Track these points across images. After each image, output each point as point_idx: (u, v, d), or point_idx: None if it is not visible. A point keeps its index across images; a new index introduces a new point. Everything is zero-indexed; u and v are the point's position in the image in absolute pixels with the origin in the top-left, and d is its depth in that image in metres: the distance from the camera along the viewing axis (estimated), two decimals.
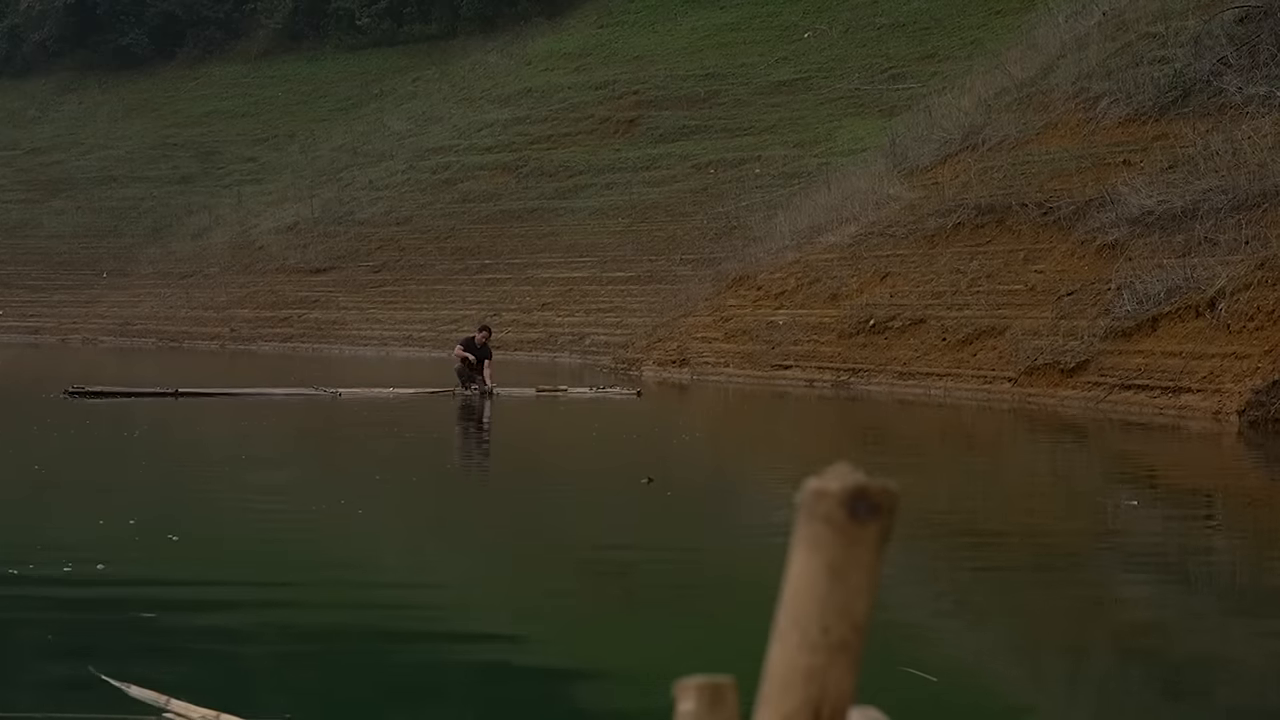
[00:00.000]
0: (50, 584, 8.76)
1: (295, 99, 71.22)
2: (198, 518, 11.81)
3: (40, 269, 64.87)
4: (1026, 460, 19.18)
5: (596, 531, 11.76)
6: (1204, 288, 22.75)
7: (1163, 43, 28.85)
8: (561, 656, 7.65)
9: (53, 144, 74.19)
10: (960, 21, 51.51)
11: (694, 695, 1.52)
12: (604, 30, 62.87)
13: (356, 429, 20.55)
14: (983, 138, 31.39)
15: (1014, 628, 8.54)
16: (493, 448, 20.03)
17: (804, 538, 1.45)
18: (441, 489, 14.54)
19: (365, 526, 11.60)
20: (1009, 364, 25.95)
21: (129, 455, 16.61)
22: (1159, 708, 6.88)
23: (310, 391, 24.77)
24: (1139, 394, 22.86)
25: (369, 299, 52.25)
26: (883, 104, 47.71)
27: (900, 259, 30.40)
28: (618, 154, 52.79)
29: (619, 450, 18.35)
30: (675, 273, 42.95)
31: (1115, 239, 25.56)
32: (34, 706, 6.17)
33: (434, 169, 57.53)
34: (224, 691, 6.36)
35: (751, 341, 32.39)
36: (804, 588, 1.44)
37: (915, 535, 10.54)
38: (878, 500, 1.45)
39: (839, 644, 1.43)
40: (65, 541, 10.18)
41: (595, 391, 26.51)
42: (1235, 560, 10.90)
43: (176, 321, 56.87)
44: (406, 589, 9.31)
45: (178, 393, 23.66)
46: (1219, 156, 24.65)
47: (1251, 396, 20.54)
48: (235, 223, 61.52)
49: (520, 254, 49.67)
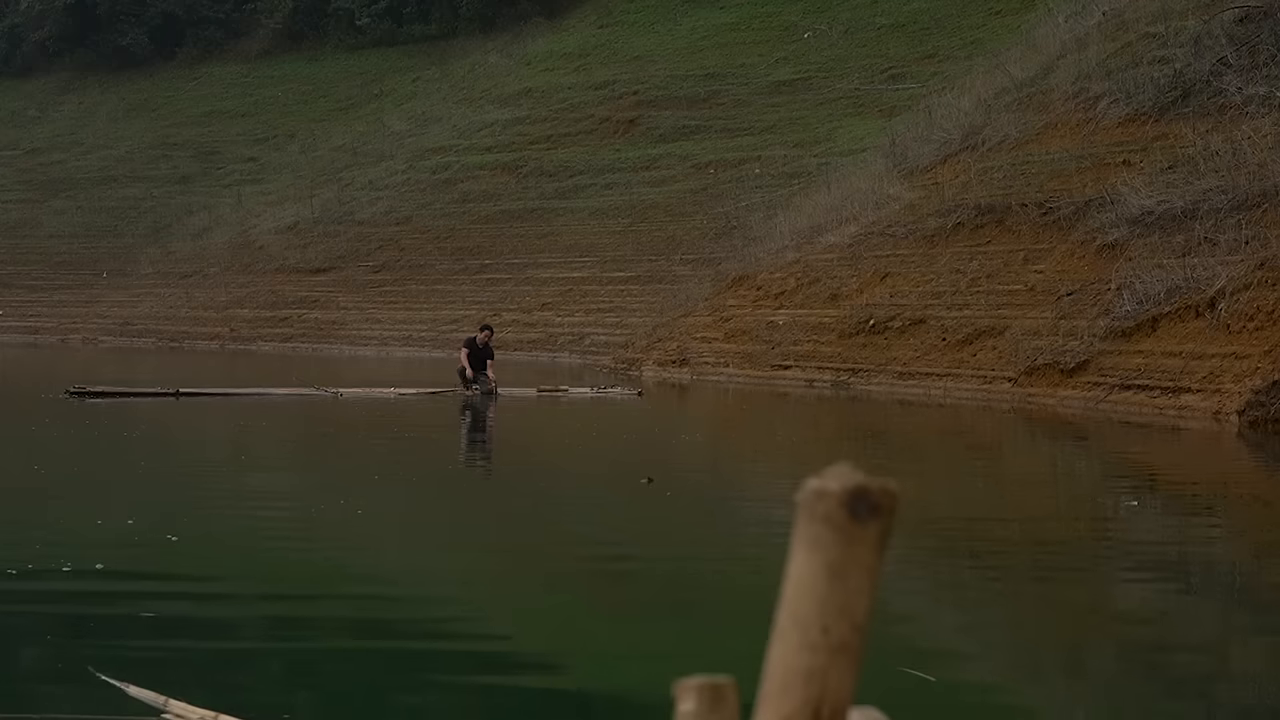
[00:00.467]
0: (49, 583, 8.76)
1: (295, 99, 71.21)
2: (196, 517, 11.80)
3: (40, 269, 64.87)
4: (1026, 460, 19.19)
5: (597, 531, 11.76)
6: (1204, 288, 22.74)
7: (1163, 43, 28.84)
8: (561, 657, 7.65)
9: (52, 144, 74.18)
10: (960, 22, 51.51)
11: (694, 695, 1.51)
12: (604, 30, 62.87)
13: (356, 429, 20.55)
14: (982, 138, 31.39)
15: (1013, 627, 8.54)
16: (493, 447, 20.04)
17: (804, 537, 1.45)
18: (440, 489, 14.54)
19: (364, 526, 11.60)
20: (1009, 364, 25.95)
21: (129, 455, 16.60)
22: (1158, 707, 6.88)
23: (311, 392, 24.77)
24: (1139, 394, 22.86)
25: (369, 299, 52.25)
26: (882, 104, 47.71)
27: (900, 259, 30.40)
28: (617, 154, 52.79)
29: (618, 450, 18.35)
30: (675, 273, 42.95)
31: (1115, 239, 25.55)
32: (33, 706, 6.17)
33: (434, 169, 57.53)
34: (223, 692, 6.36)
35: (751, 341, 32.40)
36: (804, 588, 1.44)
37: (914, 535, 10.54)
38: (878, 500, 1.44)
39: (839, 644, 1.43)
40: (64, 541, 10.18)
41: (596, 392, 26.56)
42: (1235, 560, 10.90)
43: (176, 321, 56.87)
44: (405, 589, 9.31)
45: (179, 393, 23.68)
46: (1219, 156, 24.65)
47: (1251, 397, 20.54)
48: (235, 223, 61.52)
49: (520, 254, 49.67)
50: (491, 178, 55.04)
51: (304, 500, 13.00)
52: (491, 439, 21.21)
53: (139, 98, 75.56)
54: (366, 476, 14.78)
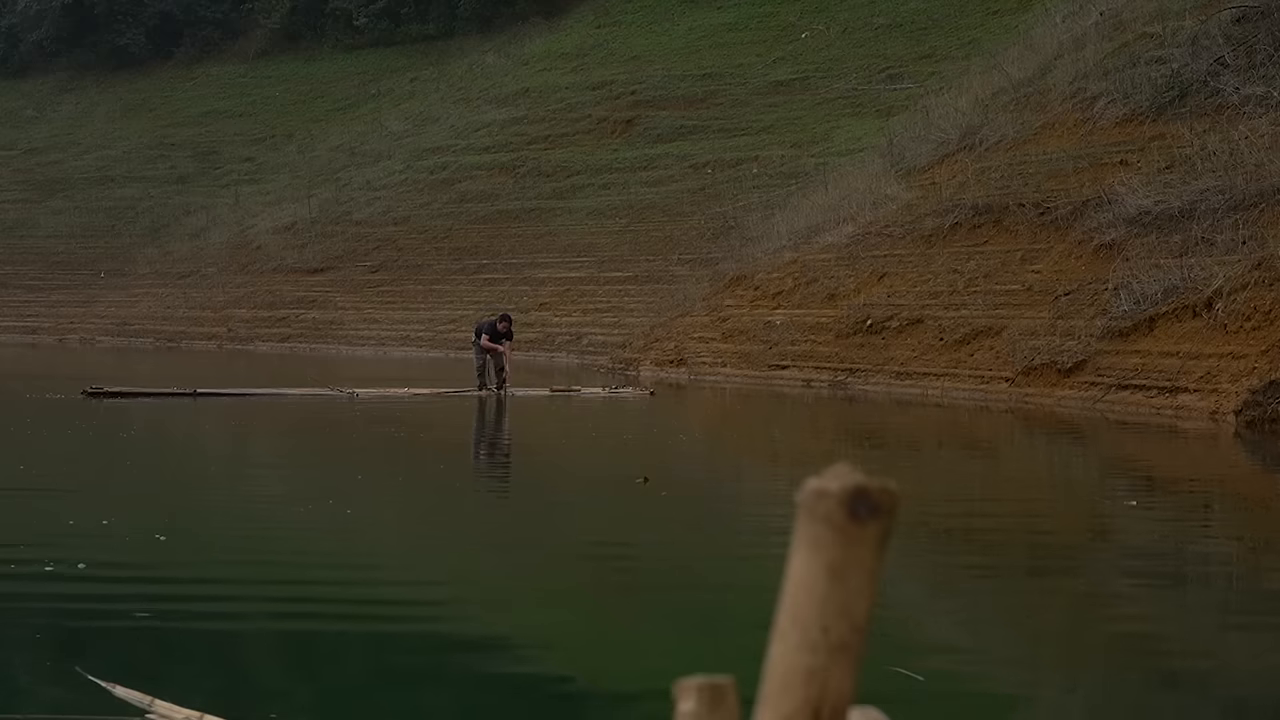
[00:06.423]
0: (36, 583, 8.74)
1: (293, 99, 71.19)
2: (195, 518, 11.79)
3: (38, 269, 64.83)
4: (1023, 460, 19.19)
5: (596, 531, 11.75)
6: (1201, 288, 22.75)
7: (1160, 43, 28.85)
8: (560, 656, 7.64)
9: (50, 144, 74.13)
10: (958, 22, 51.52)
11: (694, 695, 1.52)
12: (601, 30, 62.85)
13: (370, 428, 20.57)
14: (980, 138, 31.40)
15: (1011, 627, 8.54)
16: (496, 447, 20.08)
17: (804, 538, 1.45)
18: (439, 488, 14.52)
19: (357, 525, 11.59)
20: (1006, 364, 25.95)
21: (147, 456, 16.59)
22: (1155, 707, 6.88)
23: (327, 392, 24.94)
24: (1136, 394, 22.87)
25: (366, 299, 52.24)
26: (880, 104, 47.72)
27: (897, 259, 30.40)
28: (615, 154, 52.78)
29: (618, 450, 18.34)
30: (672, 273, 42.95)
31: (1112, 239, 25.56)
32: (19, 706, 6.16)
33: (431, 169, 57.50)
34: (209, 692, 6.36)
35: (749, 341, 32.40)
36: (804, 588, 1.44)
37: (913, 535, 10.54)
38: (878, 500, 1.45)
39: (839, 644, 1.43)
40: (53, 540, 10.15)
41: (608, 391, 26.91)
42: (1232, 560, 10.90)
43: (174, 321, 56.85)
44: (398, 588, 9.29)
45: (196, 393, 23.83)
46: (1216, 156, 24.66)
47: (1248, 396, 20.55)
48: (233, 223, 61.50)
49: (518, 254, 49.66)
50: (489, 178, 55.03)
51: (302, 500, 12.99)
52: (498, 439, 21.30)
53: (136, 98, 75.52)
54: (373, 475, 14.78)
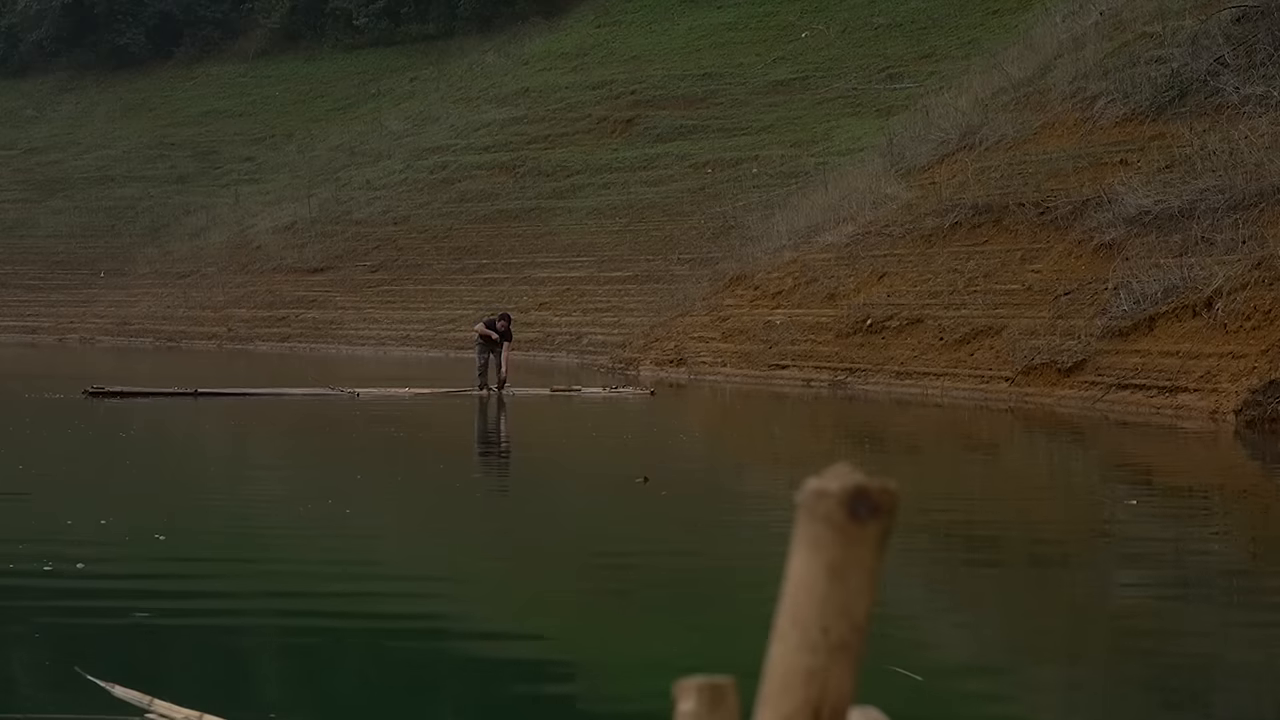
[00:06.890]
0: (36, 583, 8.74)
1: (293, 99, 71.19)
2: (194, 518, 11.79)
3: (37, 269, 64.83)
4: (1023, 460, 19.19)
5: (596, 531, 11.75)
6: (1201, 287, 22.75)
7: (1160, 42, 28.84)
8: (559, 656, 7.63)
9: (50, 144, 74.13)
10: (957, 21, 51.52)
11: (694, 695, 1.52)
12: (601, 30, 62.85)
13: (370, 427, 20.58)
14: (980, 137, 31.40)
15: (1011, 627, 8.54)
16: (496, 447, 20.10)
17: (804, 538, 1.45)
18: (439, 488, 14.52)
19: (357, 524, 11.59)
20: (1006, 364, 25.95)
21: (146, 456, 16.59)
22: (1155, 706, 6.88)
23: (328, 392, 24.97)
24: (1136, 394, 22.86)
25: (366, 299, 52.22)
26: (880, 104, 47.72)
27: (897, 259, 30.40)
28: (615, 154, 52.77)
29: (618, 449, 18.34)
30: (672, 272, 42.95)
31: (1112, 239, 25.55)
32: (19, 706, 6.16)
33: (431, 169, 57.49)
34: (208, 692, 6.36)
35: (749, 341, 32.39)
36: (804, 588, 1.44)
37: (913, 535, 10.54)
38: (878, 500, 1.45)
39: (839, 644, 1.43)
40: (53, 540, 10.15)
41: (608, 391, 26.90)
42: (1231, 560, 10.90)
43: (174, 321, 56.84)
44: (397, 587, 9.29)
45: (197, 393, 23.85)
46: (1216, 156, 24.65)
47: (1248, 396, 20.55)
48: (233, 222, 61.49)
49: (518, 254, 49.64)
50: (489, 177, 55.02)
51: (298, 501, 12.99)
52: (498, 438, 21.33)
53: (136, 97, 75.52)
54: (373, 474, 14.77)
